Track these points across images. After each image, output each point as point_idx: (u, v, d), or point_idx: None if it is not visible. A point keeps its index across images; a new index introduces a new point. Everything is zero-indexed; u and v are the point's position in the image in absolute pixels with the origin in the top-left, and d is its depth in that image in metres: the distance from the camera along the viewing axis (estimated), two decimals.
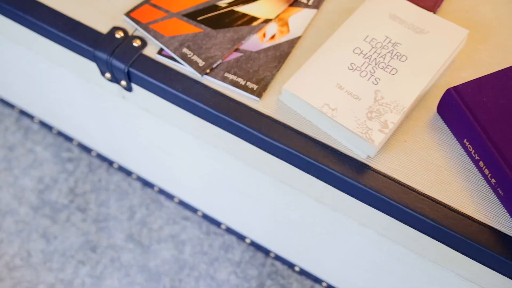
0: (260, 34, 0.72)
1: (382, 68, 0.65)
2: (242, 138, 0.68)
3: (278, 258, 0.98)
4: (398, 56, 0.66)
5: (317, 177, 0.66)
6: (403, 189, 0.62)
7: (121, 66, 0.71)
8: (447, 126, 0.65)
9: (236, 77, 0.68)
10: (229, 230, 1.01)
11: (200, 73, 0.69)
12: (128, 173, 1.07)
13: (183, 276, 0.98)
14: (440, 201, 0.61)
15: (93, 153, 1.09)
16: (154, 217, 1.03)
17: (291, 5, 0.74)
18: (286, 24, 0.73)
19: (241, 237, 1.00)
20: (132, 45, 0.72)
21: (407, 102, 0.63)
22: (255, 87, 0.68)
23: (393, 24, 0.68)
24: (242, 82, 0.68)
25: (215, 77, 0.69)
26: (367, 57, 0.66)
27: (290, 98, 0.66)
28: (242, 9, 0.74)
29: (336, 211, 0.71)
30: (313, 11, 0.74)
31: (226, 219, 0.98)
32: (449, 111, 0.64)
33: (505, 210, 0.60)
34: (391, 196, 0.61)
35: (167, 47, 0.71)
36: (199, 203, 0.99)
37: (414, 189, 0.62)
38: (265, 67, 0.69)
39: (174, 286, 0.97)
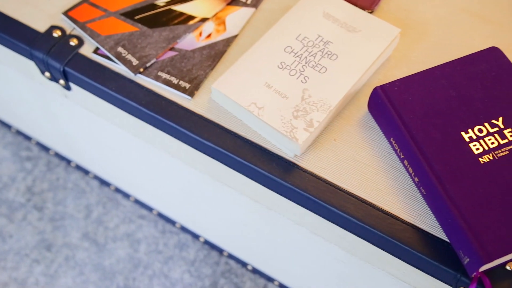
0: (196, 33, 0.72)
1: (312, 67, 0.65)
2: (175, 137, 0.68)
3: (231, 257, 0.99)
4: (328, 54, 0.66)
5: (247, 176, 0.66)
6: (329, 188, 0.62)
7: (57, 65, 0.71)
8: (377, 125, 0.65)
9: (169, 76, 0.68)
10: (184, 229, 1.01)
11: (133, 72, 0.69)
12: (85, 172, 1.07)
13: (137, 275, 0.98)
14: (365, 199, 0.61)
15: (51, 152, 1.09)
16: (111, 216, 1.04)
17: (229, 4, 0.74)
18: (223, 23, 0.73)
19: (196, 236, 1.00)
20: (69, 44, 0.72)
21: (334, 101, 0.63)
22: (187, 86, 0.68)
23: (326, 22, 0.68)
24: (175, 81, 0.68)
25: (148, 76, 0.69)
26: (297, 56, 0.66)
27: (220, 97, 0.66)
28: (179, 8, 0.74)
29: (270, 210, 0.71)
30: (251, 10, 0.74)
31: (180, 218, 0.98)
32: (377, 110, 0.64)
33: (428, 209, 0.60)
34: (317, 195, 0.61)
35: (103, 46, 0.71)
36: (154, 202, 0.99)
37: (340, 188, 0.62)
38: (199, 66, 0.69)
39: (128, 284, 0.97)
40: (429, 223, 0.59)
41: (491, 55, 0.65)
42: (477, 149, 0.58)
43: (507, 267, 0.57)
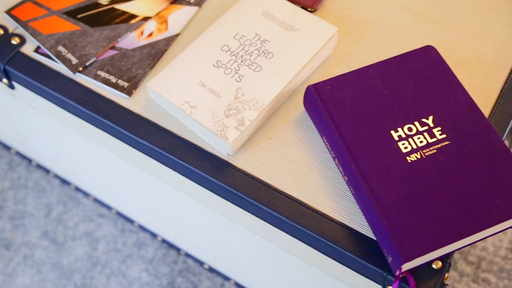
0: (138, 32, 0.72)
1: (247, 66, 0.65)
2: (114, 136, 0.68)
3: (189, 256, 0.99)
4: (265, 53, 0.66)
5: (183, 175, 0.66)
6: (261, 187, 0.62)
7: None
8: (313, 123, 0.65)
9: (108, 75, 0.68)
10: (143, 228, 1.01)
11: (72, 71, 0.69)
12: (46, 171, 1.07)
13: (94, 273, 0.98)
14: (296, 198, 0.61)
15: (13, 151, 1.09)
16: (71, 215, 1.04)
17: (172, 2, 0.74)
18: (165, 22, 0.73)
19: (154, 235, 1.00)
20: (11, 43, 0.72)
21: (267, 99, 0.63)
22: (125, 85, 0.68)
23: (265, 21, 0.68)
24: (113, 80, 0.68)
25: (87, 75, 0.69)
26: (234, 55, 0.66)
27: (156, 96, 0.66)
28: (122, 7, 0.74)
29: (209, 209, 0.71)
30: (195, 8, 0.74)
31: (137, 217, 0.98)
32: (311, 108, 0.64)
33: (358, 208, 0.60)
34: (248, 194, 0.61)
35: (43, 45, 0.71)
36: (112, 200, 0.99)
37: (272, 187, 0.62)
38: (139, 65, 0.69)
39: (85, 283, 0.97)
40: (359, 222, 0.59)
41: (426, 54, 0.65)
42: (406, 148, 0.58)
43: (434, 266, 0.57)
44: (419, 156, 0.58)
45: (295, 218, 0.60)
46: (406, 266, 0.55)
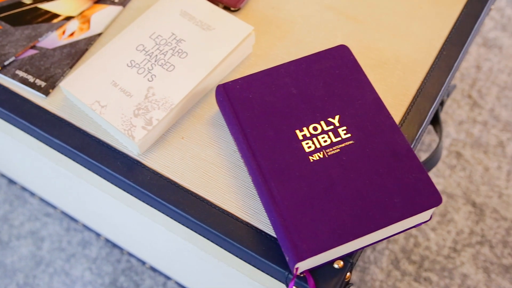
0: (60, 31, 0.72)
1: (161, 65, 0.65)
2: (32, 136, 0.68)
3: (132, 255, 0.99)
4: (179, 53, 0.66)
5: (97, 174, 0.66)
6: (170, 186, 0.62)
7: None
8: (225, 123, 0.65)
9: (26, 74, 0.68)
10: (88, 227, 1.01)
11: None
12: None
13: (37, 273, 0.98)
14: (203, 198, 0.61)
15: None
16: (17, 214, 1.04)
17: (96, 2, 0.74)
18: (87, 21, 0.73)
19: (98, 234, 1.00)
20: None
21: (177, 99, 0.63)
22: (43, 84, 0.68)
23: (182, 21, 0.68)
24: (31, 79, 0.68)
25: (6, 75, 0.69)
26: (148, 54, 0.66)
27: (70, 96, 0.66)
28: (45, 6, 0.74)
29: (129, 208, 0.71)
30: (118, 8, 0.74)
31: (80, 216, 0.98)
32: (222, 108, 0.64)
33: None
34: (157, 193, 0.61)
35: None
36: (56, 200, 0.99)
37: (180, 186, 0.62)
38: (58, 65, 0.69)
39: (28, 282, 0.98)
40: (265, 222, 0.60)
41: (338, 53, 0.65)
42: (309, 147, 0.58)
43: (335, 265, 0.57)
44: (321, 156, 0.58)
45: (202, 217, 0.60)
46: (304, 266, 0.55)
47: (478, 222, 1.03)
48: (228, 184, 0.62)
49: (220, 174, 0.62)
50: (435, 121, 0.82)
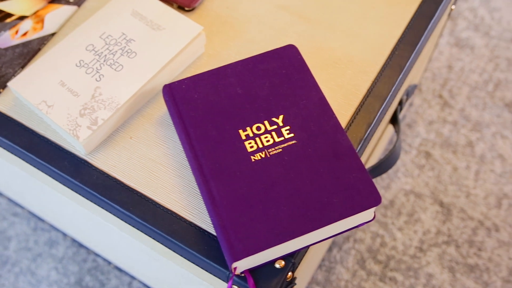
0: (13, 31, 0.72)
1: (109, 65, 0.65)
2: None
3: (98, 254, 0.99)
4: (128, 52, 0.66)
5: (46, 173, 0.66)
6: (116, 186, 0.62)
7: None
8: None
9: None
10: (55, 226, 1.01)
11: None
12: None
13: (3, 272, 0.98)
14: (148, 197, 0.61)
15: None
16: None
17: (51, 2, 0.74)
18: (41, 21, 0.73)
19: (65, 234, 1.01)
20: None
21: (123, 99, 0.63)
22: None
23: (133, 20, 0.68)
24: None
25: None
26: (97, 54, 0.66)
27: (18, 95, 0.66)
28: None
29: (81, 207, 0.71)
30: (73, 8, 0.74)
31: (46, 216, 0.98)
32: (168, 107, 0.64)
33: None
34: (103, 193, 0.61)
35: None
36: (23, 200, 0.99)
37: (126, 186, 0.62)
38: (9, 64, 0.69)
39: None
40: (208, 222, 0.60)
41: (286, 52, 0.65)
42: (251, 147, 0.59)
43: (276, 265, 0.57)
44: (263, 156, 0.58)
45: (146, 217, 0.60)
46: (243, 265, 0.55)
47: (445, 221, 1.03)
48: (174, 183, 0.62)
49: (166, 173, 0.63)
50: (395, 121, 0.82)
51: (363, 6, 0.74)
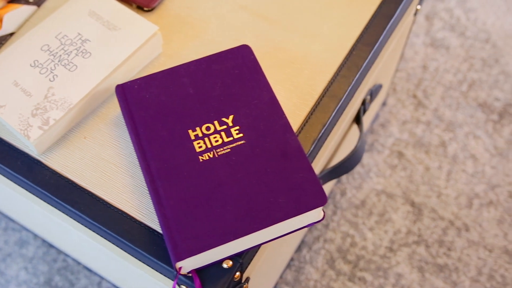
0: None
1: (64, 65, 0.65)
2: None
3: (67, 254, 0.99)
4: (83, 53, 0.66)
5: (1, 174, 0.66)
6: (68, 186, 0.62)
7: None
8: None
9: None
10: (24, 227, 1.01)
11: None
12: None
13: None
14: (99, 197, 0.61)
15: None
16: None
17: (10, 1, 0.74)
18: (0, 20, 0.73)
19: (36, 233, 1.01)
20: None
21: (75, 99, 0.63)
22: None
23: (89, 21, 0.68)
24: None
25: None
26: (52, 54, 0.66)
27: None
28: None
29: (39, 207, 0.71)
30: (33, 8, 0.74)
31: (15, 216, 0.98)
32: (121, 107, 0.64)
33: None
34: (55, 193, 0.62)
35: None
36: None
37: (78, 185, 0.62)
38: None
39: None
40: (157, 221, 0.60)
41: (240, 53, 0.65)
42: (200, 147, 0.59)
43: (224, 265, 0.57)
44: (211, 156, 0.58)
45: (96, 217, 0.60)
46: (189, 265, 0.55)
47: (416, 221, 1.03)
48: (125, 183, 0.62)
49: (118, 173, 0.63)
50: (358, 121, 0.82)
51: (323, 6, 0.74)
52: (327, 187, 0.99)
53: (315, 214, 0.58)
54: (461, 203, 1.04)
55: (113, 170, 0.63)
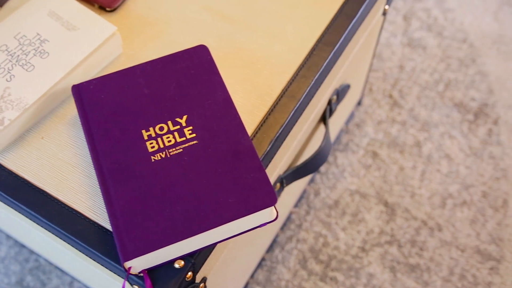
0: None
1: (21, 66, 0.65)
2: None
3: (39, 254, 0.99)
4: (41, 53, 0.66)
5: None
6: (23, 186, 0.62)
7: None
8: None
9: None
10: None
11: None
12: None
13: None
14: (55, 197, 0.61)
15: None
16: None
17: None
18: None
19: (8, 234, 1.01)
20: None
21: (31, 99, 0.63)
22: None
23: (49, 21, 0.68)
24: None
25: None
26: (10, 54, 0.66)
27: None
28: None
29: (2, 208, 0.71)
30: None
31: None
32: (77, 107, 0.64)
33: None
34: (10, 193, 0.62)
35: None
36: None
37: (34, 186, 0.62)
38: None
39: None
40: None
41: (196, 53, 0.65)
42: (153, 147, 0.59)
43: (176, 265, 0.57)
44: (163, 156, 0.58)
45: (50, 217, 0.60)
46: (139, 265, 0.55)
47: (389, 221, 1.03)
48: (81, 183, 0.62)
49: (75, 174, 0.63)
50: (324, 121, 0.83)
51: (285, 7, 0.74)
52: (300, 187, 0.99)
53: (267, 214, 0.58)
54: (435, 203, 1.04)
55: (69, 170, 0.63)
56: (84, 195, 0.61)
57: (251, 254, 0.86)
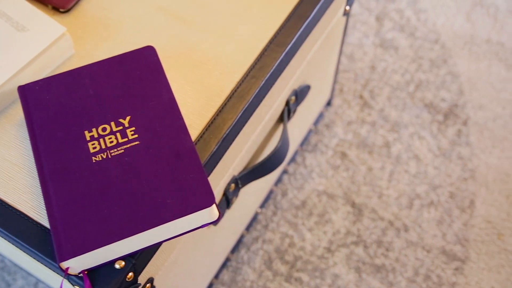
0: None
1: None
2: None
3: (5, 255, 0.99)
4: None
5: None
6: None
7: None
8: None
9: None
10: None
11: None
12: None
13: None
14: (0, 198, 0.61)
15: None
16: None
17: None
18: None
19: None
20: None
21: None
22: None
23: None
24: None
25: None
26: None
27: None
28: None
29: None
30: None
31: None
32: (23, 108, 0.64)
33: None
34: None
35: None
36: None
37: None
38: None
39: None
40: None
41: (143, 54, 0.65)
42: (94, 148, 0.59)
43: (116, 265, 0.57)
44: (105, 156, 0.58)
45: None
46: (78, 265, 0.55)
47: (356, 222, 1.03)
48: (26, 184, 0.62)
49: (20, 174, 0.63)
50: (282, 121, 0.83)
51: (240, 7, 0.75)
52: (265, 188, 0.99)
53: (207, 215, 0.58)
54: (402, 203, 1.04)
55: (15, 171, 0.63)
56: (29, 195, 0.61)
57: (211, 254, 0.86)
